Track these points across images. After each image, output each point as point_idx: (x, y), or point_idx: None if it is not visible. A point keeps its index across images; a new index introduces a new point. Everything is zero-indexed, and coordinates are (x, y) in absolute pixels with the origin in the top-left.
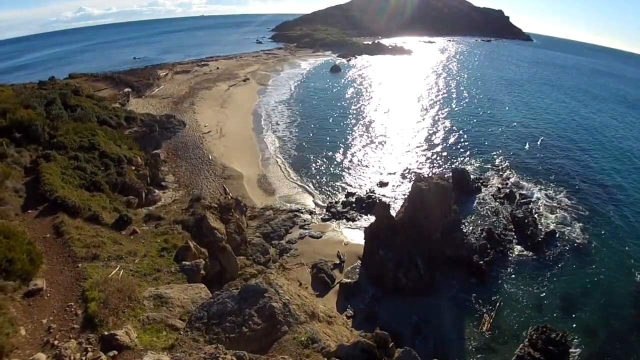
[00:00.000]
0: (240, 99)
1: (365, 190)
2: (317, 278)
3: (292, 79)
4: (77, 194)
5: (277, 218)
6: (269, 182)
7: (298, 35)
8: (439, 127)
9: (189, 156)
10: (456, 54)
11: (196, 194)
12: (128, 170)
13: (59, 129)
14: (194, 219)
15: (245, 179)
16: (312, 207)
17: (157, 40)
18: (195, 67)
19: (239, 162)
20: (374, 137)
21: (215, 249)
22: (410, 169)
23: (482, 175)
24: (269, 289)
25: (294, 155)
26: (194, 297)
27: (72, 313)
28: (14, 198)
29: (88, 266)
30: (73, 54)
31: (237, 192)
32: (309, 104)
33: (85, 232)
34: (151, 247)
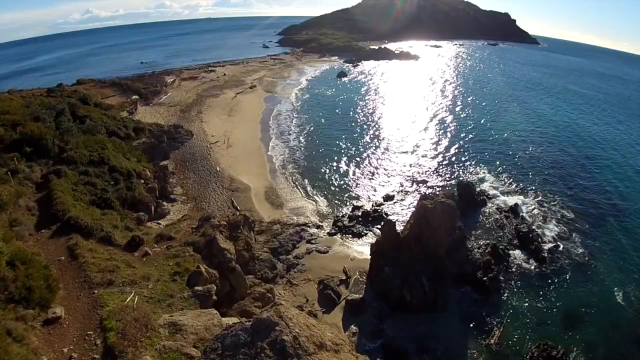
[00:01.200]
0: (247, 107)
1: (371, 204)
2: (323, 294)
3: (299, 86)
4: (88, 212)
5: (285, 232)
6: (276, 194)
7: (304, 39)
8: (445, 136)
9: (196, 168)
10: (463, 58)
11: (205, 215)
12: (137, 185)
13: (69, 143)
14: (204, 240)
15: (252, 191)
16: (319, 221)
17: (164, 44)
18: (202, 73)
19: (247, 174)
20: (381, 146)
21: (225, 269)
22: (416, 180)
23: (488, 186)
24: (280, 322)
25: (302, 166)
26: (207, 324)
27: (91, 342)
28: (27, 217)
29: (104, 293)
30: (81, 57)
31: (244, 205)
32: (316, 112)
33: (99, 254)
34: (164, 270)
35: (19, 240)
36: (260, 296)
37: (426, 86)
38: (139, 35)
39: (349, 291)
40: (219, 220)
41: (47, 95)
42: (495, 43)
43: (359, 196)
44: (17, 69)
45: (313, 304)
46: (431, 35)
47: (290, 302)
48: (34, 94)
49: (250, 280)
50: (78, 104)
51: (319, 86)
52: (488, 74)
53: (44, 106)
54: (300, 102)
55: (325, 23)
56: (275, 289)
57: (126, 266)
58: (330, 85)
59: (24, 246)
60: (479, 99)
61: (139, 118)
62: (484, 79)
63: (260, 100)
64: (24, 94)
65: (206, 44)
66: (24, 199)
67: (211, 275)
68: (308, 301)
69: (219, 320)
